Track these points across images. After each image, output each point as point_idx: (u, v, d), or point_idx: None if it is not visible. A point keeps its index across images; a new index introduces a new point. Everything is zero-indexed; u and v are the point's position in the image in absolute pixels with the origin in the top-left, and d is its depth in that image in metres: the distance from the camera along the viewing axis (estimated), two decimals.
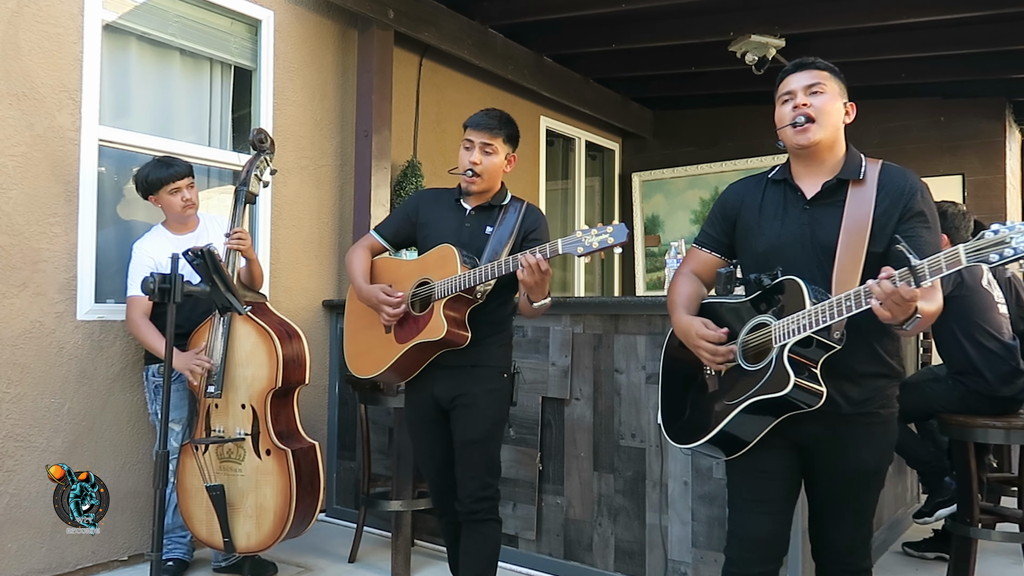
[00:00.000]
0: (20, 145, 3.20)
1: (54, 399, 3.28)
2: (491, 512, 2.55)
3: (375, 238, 2.73)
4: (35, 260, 3.24)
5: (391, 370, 2.56)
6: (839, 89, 1.99)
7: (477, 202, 2.60)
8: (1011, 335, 3.48)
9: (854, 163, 1.97)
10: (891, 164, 1.99)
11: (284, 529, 3.03)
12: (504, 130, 2.56)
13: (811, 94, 1.95)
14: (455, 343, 2.46)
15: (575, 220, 6.89)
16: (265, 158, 3.33)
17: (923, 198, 1.92)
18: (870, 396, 1.94)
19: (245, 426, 3.08)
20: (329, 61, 4.48)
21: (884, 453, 2.01)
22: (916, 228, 1.89)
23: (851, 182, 1.94)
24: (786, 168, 2.04)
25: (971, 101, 6.23)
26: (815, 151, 1.96)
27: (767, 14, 4.95)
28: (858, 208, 1.90)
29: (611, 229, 2.13)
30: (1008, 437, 3.28)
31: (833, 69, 2.01)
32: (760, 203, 2.04)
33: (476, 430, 2.51)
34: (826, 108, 1.93)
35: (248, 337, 3.12)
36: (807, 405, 1.83)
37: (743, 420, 1.88)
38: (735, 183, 2.17)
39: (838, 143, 1.98)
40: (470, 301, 2.46)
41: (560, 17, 5.19)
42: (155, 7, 3.75)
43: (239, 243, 3.19)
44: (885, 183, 1.93)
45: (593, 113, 6.65)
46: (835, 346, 1.82)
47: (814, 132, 1.93)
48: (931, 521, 3.63)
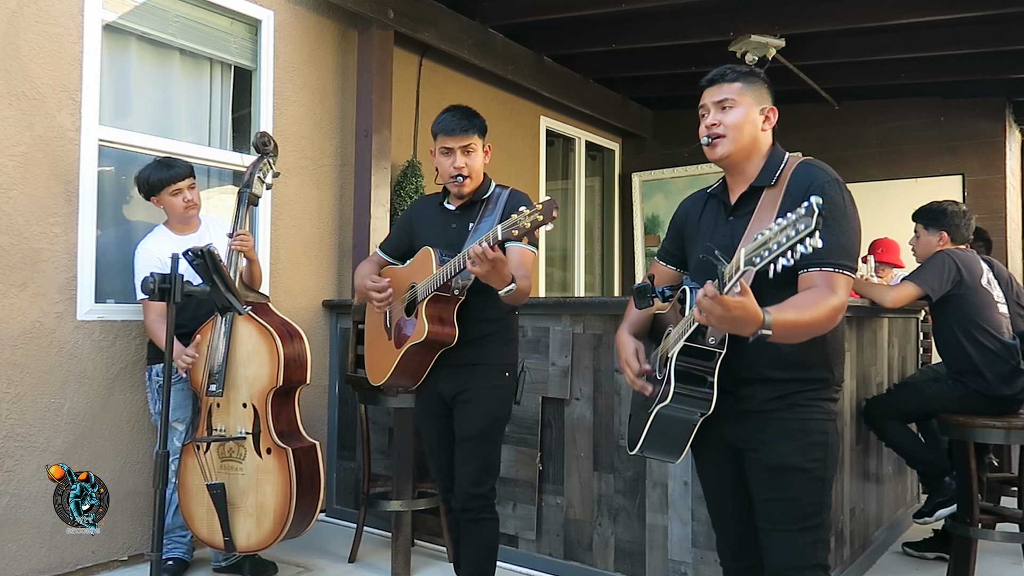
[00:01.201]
0: (20, 145, 3.20)
1: (54, 399, 3.28)
2: (485, 510, 2.57)
3: (380, 255, 2.80)
4: (35, 260, 3.24)
5: (396, 375, 2.58)
6: (754, 98, 1.95)
7: (460, 201, 2.61)
8: (1011, 335, 3.48)
9: (770, 168, 1.94)
10: (808, 162, 1.93)
11: (284, 528, 3.03)
12: (476, 126, 2.56)
13: (721, 110, 1.95)
14: (443, 342, 2.47)
15: (575, 220, 6.90)
16: (268, 161, 3.34)
17: (825, 192, 1.80)
18: (782, 395, 1.87)
19: (246, 425, 3.08)
20: (329, 61, 4.48)
21: (804, 450, 1.87)
22: None
23: (765, 189, 1.91)
24: (723, 181, 2.06)
25: (971, 101, 6.23)
26: (730, 164, 1.97)
27: (767, 14, 4.95)
28: (764, 215, 1.86)
29: (540, 207, 2.07)
30: (1008, 437, 3.28)
31: (749, 76, 1.98)
32: (699, 217, 2.07)
33: (472, 426, 2.53)
34: (736, 123, 1.93)
35: (250, 336, 3.12)
36: (699, 411, 1.83)
37: (660, 427, 1.88)
38: (686, 198, 2.19)
39: (756, 151, 1.95)
40: (451, 299, 2.46)
41: (560, 17, 5.18)
42: (155, 7, 3.75)
43: (242, 244, 3.21)
44: (791, 184, 1.87)
45: (593, 113, 6.65)
46: (716, 350, 1.79)
47: (722, 147, 1.94)
48: (931, 521, 3.63)
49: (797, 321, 1.68)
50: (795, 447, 1.86)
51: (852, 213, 1.84)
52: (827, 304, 1.73)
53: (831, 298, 1.73)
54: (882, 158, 6.40)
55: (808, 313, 1.70)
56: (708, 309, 1.56)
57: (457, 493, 2.57)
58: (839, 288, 1.75)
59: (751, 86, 1.96)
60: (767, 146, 1.98)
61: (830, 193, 1.80)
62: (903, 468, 4.20)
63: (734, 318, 1.57)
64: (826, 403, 1.90)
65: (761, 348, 1.75)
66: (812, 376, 1.88)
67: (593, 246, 7.32)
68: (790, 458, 1.86)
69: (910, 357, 4.52)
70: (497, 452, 2.63)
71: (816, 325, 1.72)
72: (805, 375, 1.87)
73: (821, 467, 1.88)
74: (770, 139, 1.99)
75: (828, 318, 1.73)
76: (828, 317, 1.73)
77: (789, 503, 1.88)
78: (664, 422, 1.86)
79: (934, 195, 4.25)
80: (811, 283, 1.77)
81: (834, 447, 1.91)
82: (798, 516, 1.88)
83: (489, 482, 2.57)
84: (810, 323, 1.70)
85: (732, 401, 1.87)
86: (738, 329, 1.61)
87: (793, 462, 1.86)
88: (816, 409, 1.88)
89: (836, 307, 1.74)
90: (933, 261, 3.50)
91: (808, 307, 1.71)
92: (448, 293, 2.45)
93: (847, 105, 6.53)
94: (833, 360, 1.92)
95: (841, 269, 1.76)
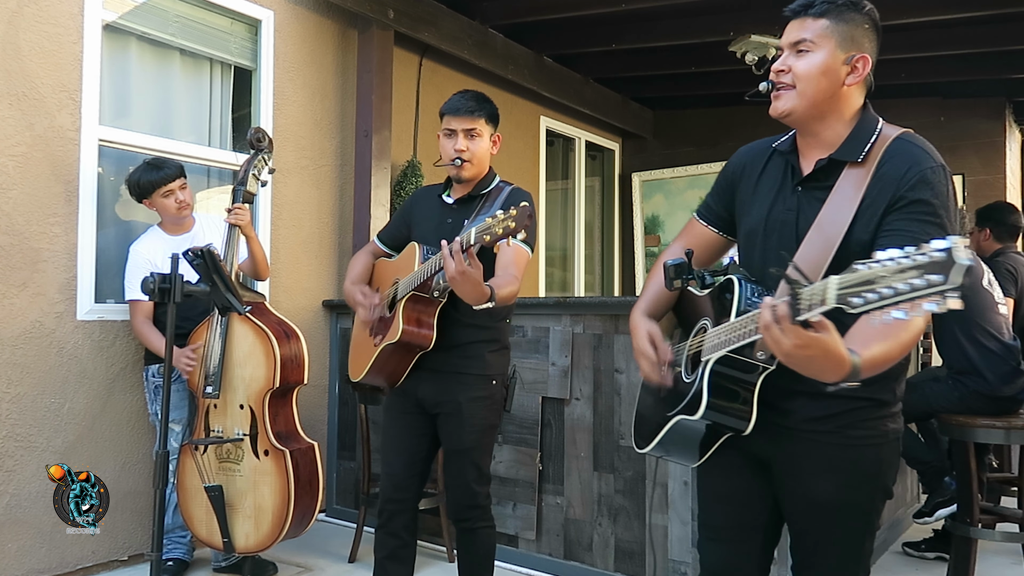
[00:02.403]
0: (20, 145, 3.20)
1: (54, 399, 3.28)
2: (481, 519, 2.50)
3: (376, 244, 2.69)
4: (35, 260, 3.24)
5: (372, 373, 2.48)
6: (839, 42, 1.53)
7: (460, 194, 2.49)
8: (1011, 335, 3.48)
9: (859, 139, 1.55)
10: (906, 137, 1.56)
11: (283, 529, 3.03)
12: (484, 110, 2.44)
13: (796, 53, 1.57)
14: (419, 344, 2.36)
15: (575, 220, 6.89)
16: (263, 157, 3.31)
17: (928, 183, 1.46)
18: (832, 415, 1.54)
19: (243, 426, 3.08)
20: (329, 61, 4.48)
21: (851, 484, 1.56)
22: (902, 220, 1.45)
23: (848, 164, 1.54)
24: (793, 138, 1.66)
25: (971, 101, 6.23)
26: (797, 122, 1.60)
27: (767, 14, 4.94)
28: (843, 199, 1.51)
29: (515, 212, 1.94)
30: (1008, 437, 3.28)
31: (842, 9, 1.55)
32: (759, 175, 1.68)
33: (462, 440, 2.42)
34: (807, 73, 1.53)
35: (246, 337, 3.12)
36: (733, 429, 1.54)
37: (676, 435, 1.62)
38: (744, 147, 1.79)
39: (834, 112, 1.56)
40: (431, 301, 2.34)
41: (560, 17, 5.18)
42: (155, 7, 3.75)
43: (238, 218, 3.16)
44: (884, 165, 1.51)
45: (593, 113, 6.65)
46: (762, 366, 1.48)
47: (785, 101, 1.57)
48: (931, 521, 3.63)
49: (888, 356, 1.34)
50: (844, 482, 1.55)
51: (955, 209, 1.50)
52: (917, 327, 1.37)
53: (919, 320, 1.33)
54: None
55: (897, 343, 1.34)
56: (774, 339, 1.24)
57: (452, 505, 2.51)
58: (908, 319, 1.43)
59: (842, 24, 1.54)
60: (854, 107, 1.58)
61: (933, 183, 1.46)
62: (903, 468, 4.20)
63: (808, 358, 1.23)
64: (882, 422, 1.57)
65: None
66: (870, 396, 1.53)
67: (593, 246, 7.32)
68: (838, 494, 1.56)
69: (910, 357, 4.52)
70: (488, 458, 2.53)
71: (902, 355, 1.40)
72: (862, 393, 1.50)
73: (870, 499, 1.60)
74: (859, 98, 1.59)
75: (913, 343, 1.39)
76: (913, 341, 1.39)
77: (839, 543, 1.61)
78: (686, 431, 1.59)
79: None
80: None
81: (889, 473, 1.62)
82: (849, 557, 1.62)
83: (483, 491, 2.49)
84: (898, 355, 1.37)
85: (769, 414, 1.54)
86: (812, 372, 1.27)
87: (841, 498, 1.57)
88: (870, 432, 1.56)
89: (921, 328, 1.40)
90: None
91: (901, 339, 1.34)
92: (427, 294, 2.33)
93: None
94: (898, 378, 1.60)
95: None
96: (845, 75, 1.54)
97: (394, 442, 2.52)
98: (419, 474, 2.52)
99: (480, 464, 2.47)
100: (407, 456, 2.50)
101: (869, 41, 1.57)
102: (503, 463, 3.52)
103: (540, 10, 5.13)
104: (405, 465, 2.50)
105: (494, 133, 2.50)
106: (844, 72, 1.54)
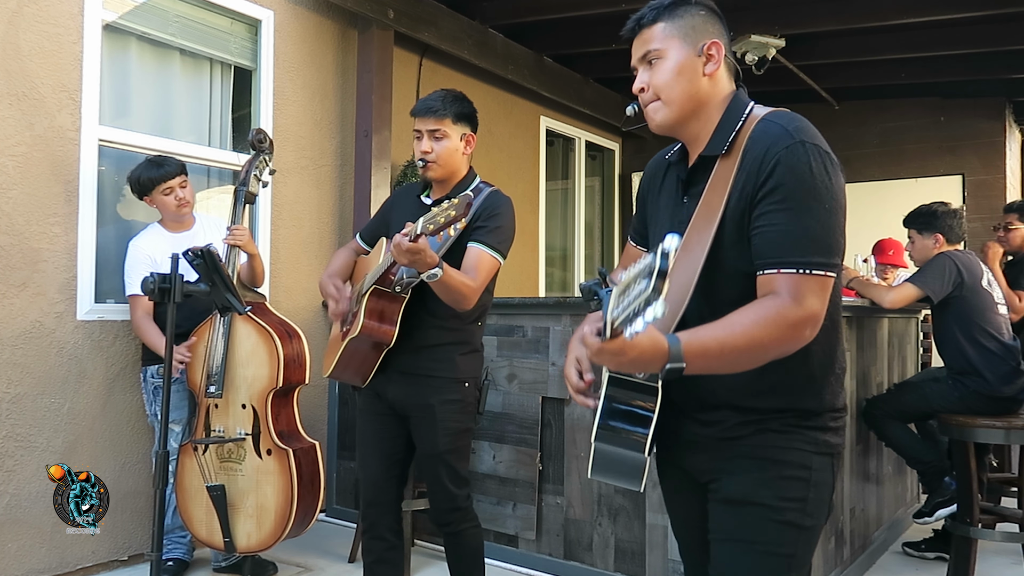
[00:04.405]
0: (20, 145, 3.20)
1: (54, 399, 3.28)
2: (464, 520, 2.48)
3: (357, 241, 2.67)
4: (35, 260, 3.24)
5: (339, 368, 2.45)
6: (683, 38, 1.46)
7: (439, 194, 2.44)
8: (1011, 335, 3.48)
9: (725, 129, 1.44)
10: (770, 119, 1.41)
11: (285, 529, 3.03)
12: (451, 110, 2.35)
13: (647, 65, 1.49)
14: (380, 340, 2.33)
15: (575, 220, 6.90)
16: (264, 158, 3.32)
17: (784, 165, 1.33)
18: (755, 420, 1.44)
19: (246, 426, 3.08)
20: (329, 61, 4.48)
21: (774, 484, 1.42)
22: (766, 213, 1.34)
23: (718, 159, 1.43)
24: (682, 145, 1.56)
25: (971, 101, 6.24)
26: (677, 131, 1.51)
27: (767, 14, 4.95)
28: (714, 197, 1.40)
29: (456, 201, 1.98)
30: (1008, 437, 3.28)
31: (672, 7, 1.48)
32: (659, 190, 1.60)
33: (435, 443, 2.39)
34: (663, 82, 1.45)
35: (249, 337, 3.12)
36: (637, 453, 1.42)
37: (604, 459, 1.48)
38: (650, 160, 1.70)
39: (703, 107, 1.46)
40: (393, 296, 2.32)
41: (560, 17, 5.18)
42: (155, 7, 3.75)
43: (237, 238, 3.17)
44: (746, 153, 1.38)
45: (593, 113, 6.65)
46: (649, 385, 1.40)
47: (657, 115, 1.48)
48: (931, 521, 3.63)
49: (724, 345, 1.26)
50: (762, 478, 1.42)
51: (826, 189, 1.33)
52: (777, 318, 1.28)
53: (787, 309, 1.28)
54: (882, 158, 6.41)
55: (742, 333, 1.27)
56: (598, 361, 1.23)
57: (432, 509, 2.51)
58: (805, 295, 1.29)
59: (678, 21, 1.47)
60: (721, 94, 1.47)
61: (791, 163, 1.32)
62: (903, 468, 4.20)
63: (631, 361, 1.19)
64: (813, 432, 1.44)
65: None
66: (791, 405, 1.43)
67: (593, 246, 7.32)
68: (753, 491, 1.42)
69: (910, 357, 4.52)
70: (465, 461, 2.50)
71: (759, 348, 1.29)
72: (783, 403, 1.43)
73: (797, 509, 1.42)
74: (727, 84, 1.50)
75: (779, 337, 1.29)
76: (779, 336, 1.29)
77: (744, 546, 1.43)
78: (607, 455, 1.46)
79: (934, 195, 4.26)
80: (769, 289, 1.32)
81: (821, 487, 1.44)
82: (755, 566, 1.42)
83: (462, 493, 2.46)
84: (747, 346, 1.27)
85: (695, 426, 1.48)
86: (645, 369, 1.26)
87: (756, 496, 1.42)
88: (798, 437, 1.43)
89: (793, 321, 1.28)
90: (934, 263, 3.51)
91: (744, 325, 1.28)
92: (388, 289, 2.31)
93: (847, 105, 6.53)
94: (822, 383, 1.45)
95: (808, 269, 1.30)
96: (703, 66, 1.46)
97: (369, 446, 2.50)
98: (397, 476, 2.51)
99: (456, 467, 2.44)
100: (384, 459, 2.48)
101: (712, 25, 1.50)
102: (503, 463, 3.52)
103: (540, 10, 5.13)
104: (383, 468, 2.48)
105: (467, 133, 2.41)
106: (700, 64, 1.46)
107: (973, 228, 5.55)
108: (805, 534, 1.44)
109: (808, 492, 1.43)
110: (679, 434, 1.50)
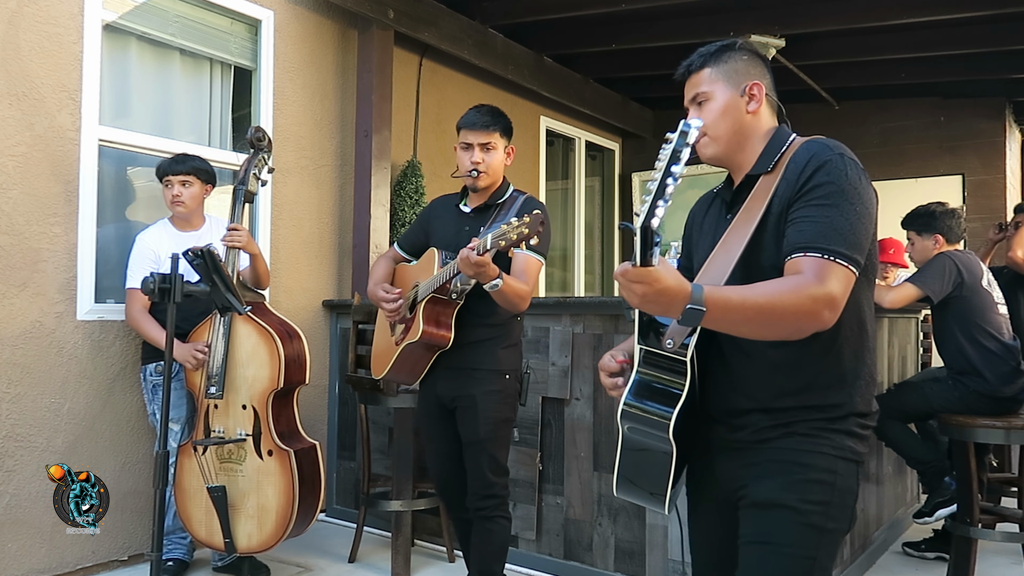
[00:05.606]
0: (20, 145, 3.20)
1: (54, 399, 3.28)
2: (497, 509, 2.63)
3: (396, 250, 2.85)
4: (35, 260, 3.24)
5: (394, 371, 2.64)
6: (727, 81, 1.63)
7: (477, 203, 2.65)
8: (1011, 335, 3.48)
9: (770, 152, 1.59)
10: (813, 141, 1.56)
11: (286, 529, 3.03)
12: (499, 124, 2.62)
13: (697, 106, 1.65)
14: (437, 344, 2.52)
15: (575, 220, 6.89)
16: (263, 156, 3.32)
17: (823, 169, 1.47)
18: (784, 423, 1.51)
19: (246, 427, 3.08)
20: (329, 61, 4.48)
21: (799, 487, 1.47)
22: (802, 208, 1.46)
23: (761, 176, 1.56)
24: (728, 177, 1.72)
25: (971, 101, 6.23)
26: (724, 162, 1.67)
27: (767, 14, 4.95)
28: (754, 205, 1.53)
29: (528, 219, 2.15)
30: (1008, 437, 3.28)
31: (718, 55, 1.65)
32: (703, 218, 1.76)
33: (476, 431, 2.57)
34: (712, 121, 1.62)
35: (249, 337, 3.12)
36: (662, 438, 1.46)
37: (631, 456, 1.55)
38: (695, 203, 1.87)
39: (747, 139, 1.63)
40: (449, 303, 2.51)
41: (560, 17, 5.18)
42: (155, 7, 3.75)
43: (235, 240, 3.17)
44: (788, 166, 1.52)
45: (593, 113, 6.65)
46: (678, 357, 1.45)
47: (707, 148, 1.64)
48: (931, 521, 3.63)
49: (744, 300, 1.34)
50: (788, 481, 1.47)
51: (857, 194, 1.45)
52: (798, 288, 1.36)
53: (809, 283, 1.36)
54: (882, 158, 6.40)
55: (763, 294, 1.35)
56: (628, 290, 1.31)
57: (470, 495, 2.62)
58: (828, 277, 1.37)
59: (722, 66, 1.64)
60: (763, 128, 1.64)
61: (829, 168, 1.46)
62: (903, 468, 4.20)
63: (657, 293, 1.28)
64: (840, 436, 1.49)
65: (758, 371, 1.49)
66: (821, 401, 1.49)
67: (593, 246, 7.32)
68: (778, 494, 1.47)
69: (910, 357, 4.52)
70: (505, 450, 2.67)
71: (778, 312, 1.35)
72: (812, 399, 1.49)
73: (820, 513, 1.46)
74: (769, 119, 1.65)
75: (800, 308, 1.35)
76: (799, 304, 1.35)
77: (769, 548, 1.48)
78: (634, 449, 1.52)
79: (934, 195, 4.25)
80: (795, 271, 1.41)
81: (846, 493, 1.49)
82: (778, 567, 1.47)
83: (499, 483, 2.62)
84: (767, 306, 1.34)
85: (726, 431, 1.56)
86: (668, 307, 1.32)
87: (780, 498, 1.47)
88: (824, 441, 1.48)
89: (816, 296, 1.35)
90: (934, 263, 3.50)
91: (766, 287, 1.38)
92: (446, 296, 2.49)
93: (847, 105, 6.53)
94: (852, 382, 1.51)
95: (833, 256, 1.39)
96: (746, 105, 1.63)
97: (432, 448, 2.74)
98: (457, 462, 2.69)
99: (496, 455, 2.61)
100: (443, 456, 2.70)
101: (754, 68, 1.65)
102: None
103: (540, 10, 5.13)
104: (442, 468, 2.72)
105: (508, 145, 2.68)
106: (744, 103, 1.63)
107: (973, 228, 5.55)
108: (828, 537, 1.49)
109: (832, 496, 1.48)
110: (710, 440, 1.58)
